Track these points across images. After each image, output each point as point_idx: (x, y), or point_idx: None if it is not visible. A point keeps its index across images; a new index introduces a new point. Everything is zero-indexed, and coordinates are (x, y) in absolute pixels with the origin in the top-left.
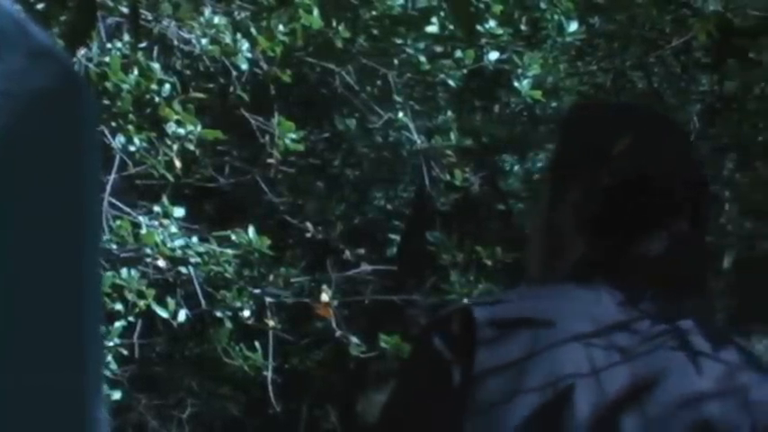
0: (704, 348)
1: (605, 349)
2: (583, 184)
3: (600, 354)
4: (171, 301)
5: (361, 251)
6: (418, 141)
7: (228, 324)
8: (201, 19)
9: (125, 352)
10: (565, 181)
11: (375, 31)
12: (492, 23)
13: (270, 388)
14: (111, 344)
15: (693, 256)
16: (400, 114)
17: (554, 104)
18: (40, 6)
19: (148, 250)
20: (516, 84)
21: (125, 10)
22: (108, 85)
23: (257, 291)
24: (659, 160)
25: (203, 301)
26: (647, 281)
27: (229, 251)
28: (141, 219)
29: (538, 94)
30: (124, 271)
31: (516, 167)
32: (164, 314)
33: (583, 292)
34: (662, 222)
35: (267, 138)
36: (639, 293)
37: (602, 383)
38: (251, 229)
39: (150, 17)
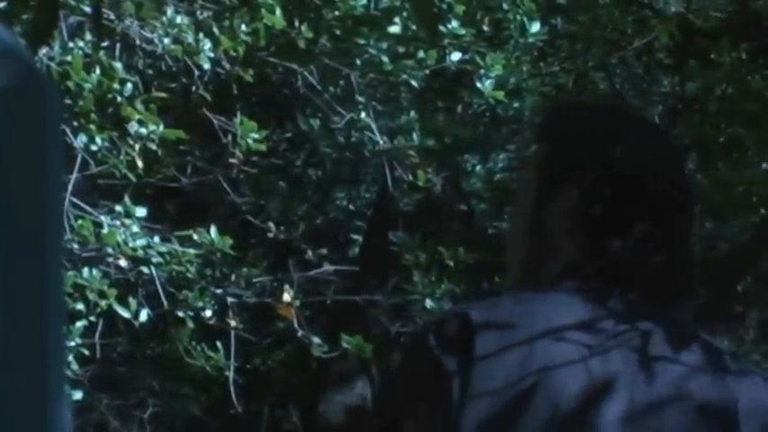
0: (685, 350)
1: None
2: (572, 186)
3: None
4: (132, 301)
5: (324, 251)
6: (381, 142)
7: (190, 324)
8: (164, 18)
9: (86, 352)
10: (552, 183)
11: (338, 32)
12: (454, 24)
13: (231, 388)
14: (72, 344)
15: (683, 259)
16: (363, 114)
17: (516, 105)
18: (2, 5)
19: (110, 250)
20: (479, 84)
21: (87, 9)
22: (70, 84)
23: (219, 291)
24: (645, 162)
25: (165, 301)
26: (639, 285)
27: (191, 251)
28: (103, 218)
29: (500, 94)
30: (86, 271)
31: (479, 168)
32: (125, 314)
33: (575, 295)
34: (650, 225)
35: (229, 137)
36: (632, 297)
37: (592, 381)
38: (213, 229)
39: (113, 16)
